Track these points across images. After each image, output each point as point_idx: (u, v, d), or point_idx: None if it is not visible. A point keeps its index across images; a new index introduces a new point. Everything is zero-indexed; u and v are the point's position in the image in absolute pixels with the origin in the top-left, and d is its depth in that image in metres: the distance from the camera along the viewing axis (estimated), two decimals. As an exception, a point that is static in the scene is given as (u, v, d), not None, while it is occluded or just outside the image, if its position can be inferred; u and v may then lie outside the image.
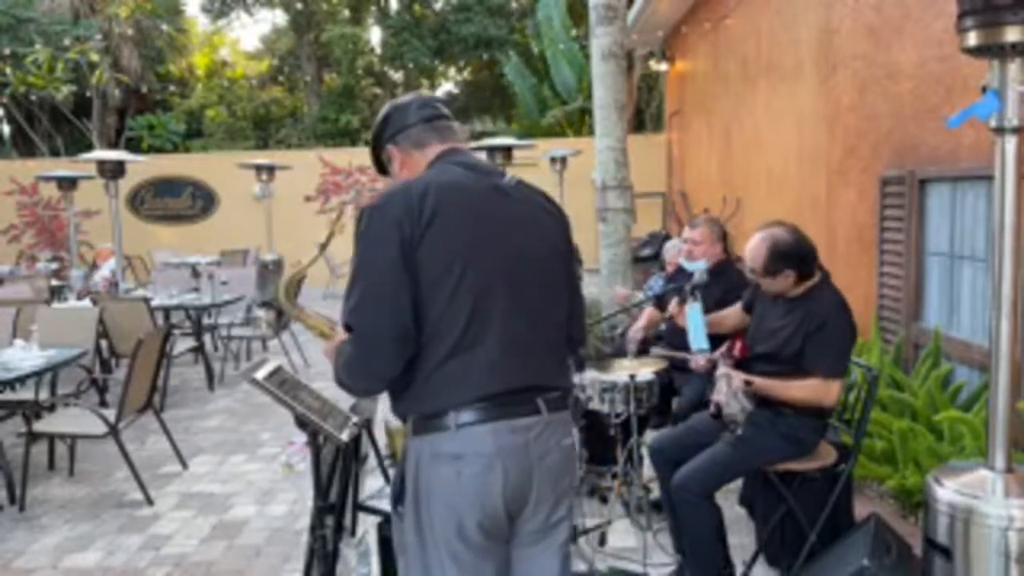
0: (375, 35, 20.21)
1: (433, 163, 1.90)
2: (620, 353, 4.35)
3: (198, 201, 14.19)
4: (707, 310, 3.30)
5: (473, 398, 1.74)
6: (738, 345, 3.12)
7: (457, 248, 1.73)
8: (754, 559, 3.18)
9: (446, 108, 2.00)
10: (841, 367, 2.89)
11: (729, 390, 2.83)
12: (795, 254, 2.93)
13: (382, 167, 2.03)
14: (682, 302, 3.34)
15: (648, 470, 3.53)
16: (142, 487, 4.34)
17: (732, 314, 3.40)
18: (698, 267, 3.88)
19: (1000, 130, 2.26)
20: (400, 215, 1.72)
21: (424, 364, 1.76)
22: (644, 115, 16.34)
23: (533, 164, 10.57)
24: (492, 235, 1.78)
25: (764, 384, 2.90)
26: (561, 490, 1.90)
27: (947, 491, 2.36)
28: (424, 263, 1.71)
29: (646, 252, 9.92)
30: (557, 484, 1.88)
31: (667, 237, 8.66)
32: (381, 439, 3.63)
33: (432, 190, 1.75)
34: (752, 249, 3.00)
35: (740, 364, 3.09)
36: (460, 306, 1.73)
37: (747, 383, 2.86)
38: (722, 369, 2.93)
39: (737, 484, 3.64)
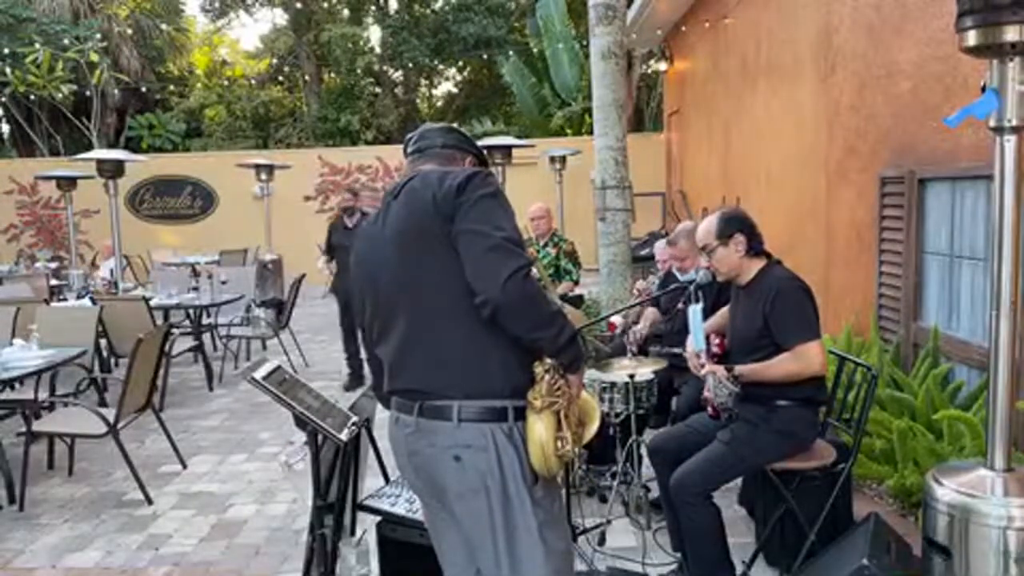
0: (374, 35, 20.18)
1: None
2: (620, 353, 4.36)
3: (198, 200, 14.19)
4: (707, 309, 3.32)
5: (386, 390, 2.11)
6: (716, 341, 3.16)
7: (353, 280, 2.19)
8: (754, 559, 3.18)
9: (433, 136, 2.18)
10: (810, 330, 2.91)
11: (714, 380, 2.92)
12: (743, 219, 3.10)
13: None
14: (687, 303, 3.37)
15: (647, 469, 3.54)
16: (141, 486, 4.34)
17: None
18: (690, 277, 3.90)
19: (999, 129, 2.27)
20: None
21: None
22: (644, 115, 16.34)
23: (532, 164, 10.60)
24: (364, 270, 2.12)
25: (748, 369, 2.94)
26: (446, 498, 2.00)
27: (946, 490, 2.36)
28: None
29: (645, 252, 9.92)
30: (436, 488, 2.02)
31: (666, 236, 8.65)
32: (382, 439, 3.62)
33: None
34: (704, 224, 3.13)
35: (722, 359, 3.13)
36: (364, 320, 2.16)
37: (729, 369, 2.93)
38: (706, 367, 2.99)
39: (737, 484, 3.65)
